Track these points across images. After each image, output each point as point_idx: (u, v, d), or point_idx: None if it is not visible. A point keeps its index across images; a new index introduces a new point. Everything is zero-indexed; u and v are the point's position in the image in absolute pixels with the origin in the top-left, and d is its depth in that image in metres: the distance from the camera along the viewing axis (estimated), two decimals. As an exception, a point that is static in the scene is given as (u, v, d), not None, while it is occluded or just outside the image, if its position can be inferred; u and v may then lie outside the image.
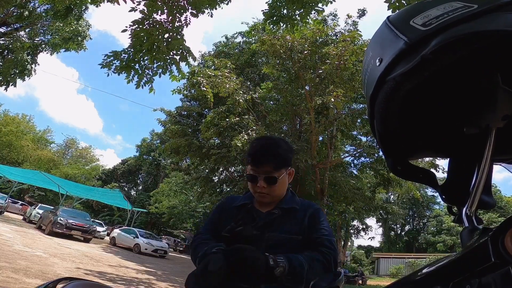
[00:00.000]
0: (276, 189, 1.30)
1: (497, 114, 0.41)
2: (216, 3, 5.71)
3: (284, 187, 1.34)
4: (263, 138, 1.43)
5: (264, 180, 1.27)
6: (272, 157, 1.28)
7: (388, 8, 4.43)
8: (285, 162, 1.31)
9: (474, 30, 0.38)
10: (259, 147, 1.31)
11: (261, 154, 1.29)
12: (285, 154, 1.32)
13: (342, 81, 11.44)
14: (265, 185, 1.27)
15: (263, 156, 1.28)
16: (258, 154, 1.29)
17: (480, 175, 0.44)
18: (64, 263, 8.52)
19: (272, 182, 1.28)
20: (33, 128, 44.68)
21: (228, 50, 19.11)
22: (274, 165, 1.27)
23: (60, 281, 0.78)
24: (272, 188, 1.29)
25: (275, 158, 1.28)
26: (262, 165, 1.27)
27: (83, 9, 13.35)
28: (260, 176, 1.28)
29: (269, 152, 1.28)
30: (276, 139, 1.38)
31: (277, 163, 1.28)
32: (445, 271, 0.37)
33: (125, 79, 5.27)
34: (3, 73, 12.67)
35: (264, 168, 1.27)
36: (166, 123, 18.55)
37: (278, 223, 1.29)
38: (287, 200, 1.36)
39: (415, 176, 0.54)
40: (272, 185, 1.28)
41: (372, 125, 0.51)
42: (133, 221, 28.59)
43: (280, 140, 1.39)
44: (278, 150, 1.29)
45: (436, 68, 0.40)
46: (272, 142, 1.34)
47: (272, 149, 1.29)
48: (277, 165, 1.28)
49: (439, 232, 38.61)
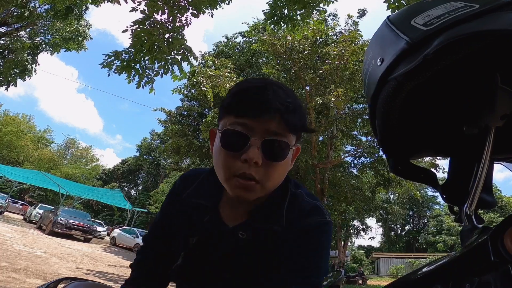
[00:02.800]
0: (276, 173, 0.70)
1: (496, 113, 0.41)
2: (217, 3, 5.71)
3: (283, 174, 0.73)
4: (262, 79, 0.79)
5: (262, 147, 0.67)
6: (287, 104, 0.68)
7: (387, 8, 4.43)
8: (304, 121, 0.73)
9: (476, 30, 0.38)
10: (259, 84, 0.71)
11: (265, 94, 0.67)
12: (302, 106, 0.74)
13: (342, 81, 11.44)
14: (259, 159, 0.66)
15: (268, 99, 0.67)
16: (259, 94, 0.68)
17: (480, 174, 0.44)
18: (65, 263, 8.52)
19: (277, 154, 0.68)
20: (33, 128, 44.66)
21: (228, 50, 19.12)
22: (288, 121, 0.68)
23: (61, 281, 0.77)
24: (270, 169, 0.68)
25: (295, 109, 0.69)
26: (264, 116, 0.66)
27: (84, 9, 13.35)
28: (255, 139, 0.66)
29: (280, 96, 0.68)
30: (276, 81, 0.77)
31: (295, 119, 0.69)
32: (445, 270, 0.37)
33: (126, 79, 5.27)
34: (3, 73, 12.67)
35: (266, 124, 0.67)
36: (166, 123, 18.55)
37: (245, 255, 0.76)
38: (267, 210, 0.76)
39: (415, 176, 0.54)
40: (274, 161, 0.68)
41: (373, 125, 0.51)
42: (133, 221, 28.59)
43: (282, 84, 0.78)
44: (296, 100, 0.72)
45: (438, 68, 0.40)
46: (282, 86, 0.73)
47: (285, 94, 0.70)
48: (293, 121, 0.69)
49: (439, 232, 38.56)
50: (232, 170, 0.68)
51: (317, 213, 0.76)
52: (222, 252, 0.77)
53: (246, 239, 0.75)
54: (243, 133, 0.67)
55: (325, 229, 0.75)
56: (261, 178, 0.68)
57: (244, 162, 0.67)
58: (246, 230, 0.75)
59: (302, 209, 0.76)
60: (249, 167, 0.66)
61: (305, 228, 0.73)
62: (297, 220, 0.75)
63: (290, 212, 0.76)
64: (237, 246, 0.76)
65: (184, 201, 0.84)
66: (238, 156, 0.67)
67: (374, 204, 16.53)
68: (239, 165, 0.67)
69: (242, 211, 0.77)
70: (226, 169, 0.69)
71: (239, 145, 0.67)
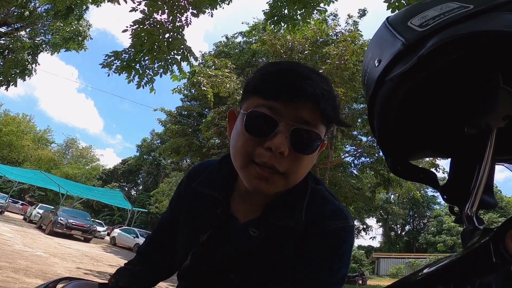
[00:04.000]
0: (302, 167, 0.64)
1: (498, 114, 0.41)
2: (217, 3, 5.72)
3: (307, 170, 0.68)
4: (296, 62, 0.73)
5: (291, 136, 0.60)
6: (323, 92, 0.61)
7: (388, 8, 4.43)
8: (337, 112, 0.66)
9: (470, 30, 0.38)
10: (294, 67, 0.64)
11: (301, 77, 0.60)
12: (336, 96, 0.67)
13: (342, 81, 11.45)
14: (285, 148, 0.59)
15: (304, 83, 0.60)
16: (294, 77, 0.60)
17: (481, 175, 0.44)
18: (64, 263, 8.53)
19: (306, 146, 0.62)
20: (33, 128, 44.72)
21: (229, 50, 19.14)
22: (324, 110, 0.61)
23: (60, 281, 0.77)
24: (296, 162, 0.62)
25: (331, 98, 0.63)
26: (297, 101, 0.59)
27: (84, 9, 13.36)
28: (284, 125, 0.59)
29: (317, 82, 0.61)
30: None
31: (330, 108, 0.62)
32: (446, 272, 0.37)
33: (126, 79, 5.27)
34: (3, 73, 12.68)
35: (299, 110, 0.60)
36: (166, 123, 18.57)
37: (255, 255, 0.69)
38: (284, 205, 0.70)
39: (415, 176, 0.54)
40: (302, 153, 0.62)
41: (372, 125, 0.51)
42: (133, 221, 28.61)
43: None
44: (333, 90, 0.65)
45: (433, 69, 0.40)
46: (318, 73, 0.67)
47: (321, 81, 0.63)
48: (328, 111, 0.62)
49: (440, 232, 38.59)
50: (252, 156, 0.61)
51: (340, 216, 0.69)
52: (231, 250, 0.70)
53: (258, 237, 0.68)
54: (272, 118, 0.59)
55: (347, 234, 0.68)
56: (284, 170, 0.61)
57: (267, 150, 0.59)
58: (259, 227, 0.69)
59: (323, 209, 0.70)
60: (273, 157, 0.59)
61: (326, 232, 0.67)
62: (317, 221, 0.68)
63: (309, 209, 0.69)
64: (247, 245, 0.69)
65: (193, 191, 0.78)
66: (262, 143, 0.59)
67: (374, 204, 16.55)
68: (261, 152, 0.59)
69: (255, 206, 0.70)
70: (246, 155, 0.61)
71: (265, 130, 0.59)
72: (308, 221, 0.68)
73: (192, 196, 0.79)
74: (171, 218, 0.86)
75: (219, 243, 0.72)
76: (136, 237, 19.49)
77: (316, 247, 0.67)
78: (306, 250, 0.67)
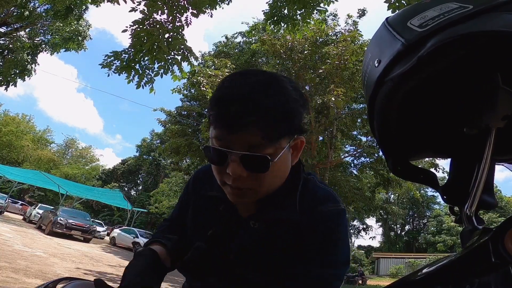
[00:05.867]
0: (265, 180, 0.67)
1: (497, 114, 0.41)
2: (217, 3, 5.72)
3: (282, 174, 0.70)
4: (244, 73, 0.69)
5: (240, 162, 0.64)
6: (265, 113, 0.62)
7: (388, 8, 4.43)
8: (289, 122, 0.65)
9: (469, 31, 0.38)
10: (234, 89, 0.64)
11: (241, 103, 0.62)
12: (289, 106, 0.65)
13: (342, 81, 11.46)
14: (242, 172, 0.64)
15: (243, 111, 0.61)
16: (234, 104, 0.62)
17: (480, 175, 0.44)
18: (64, 263, 8.52)
19: (258, 167, 0.64)
20: (33, 128, 44.70)
21: (228, 50, 19.11)
22: (265, 131, 0.62)
23: (60, 281, 0.77)
24: (258, 179, 0.66)
25: (268, 114, 0.62)
26: (237, 130, 0.62)
27: (83, 9, 13.36)
28: (234, 154, 0.64)
29: (259, 102, 0.62)
30: (271, 75, 0.69)
31: (271, 126, 0.63)
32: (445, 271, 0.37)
33: (126, 79, 5.27)
34: (3, 73, 12.67)
35: (242, 138, 0.63)
36: (166, 123, 18.56)
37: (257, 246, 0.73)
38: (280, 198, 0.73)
39: (415, 176, 0.54)
40: (259, 172, 0.65)
41: (372, 125, 0.51)
42: (133, 221, 28.59)
43: (279, 78, 0.69)
44: (276, 98, 0.64)
45: (433, 69, 0.40)
46: (263, 80, 0.66)
47: (266, 95, 0.63)
48: (271, 130, 0.63)
49: (439, 232, 38.60)
50: (221, 180, 0.69)
51: (331, 200, 0.74)
52: (235, 244, 0.75)
53: (258, 229, 0.74)
54: (221, 150, 0.64)
55: (340, 217, 0.73)
56: (250, 187, 0.68)
57: (230, 175, 0.66)
58: (258, 220, 0.74)
59: (314, 196, 0.74)
60: (235, 179, 0.66)
61: (319, 217, 0.71)
62: (310, 207, 0.72)
63: (303, 198, 0.74)
64: (250, 237, 0.74)
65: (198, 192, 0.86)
66: (224, 169, 0.66)
67: (374, 204, 16.56)
68: (227, 176, 0.67)
69: (254, 202, 0.74)
70: (218, 179, 0.70)
71: (221, 160, 0.66)
72: (302, 209, 0.73)
73: (197, 196, 0.86)
74: (180, 214, 0.92)
75: (223, 237, 0.77)
76: (136, 237, 19.47)
77: (311, 233, 0.71)
78: (302, 237, 0.71)
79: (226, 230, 0.77)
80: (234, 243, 0.76)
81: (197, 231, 0.81)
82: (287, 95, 0.66)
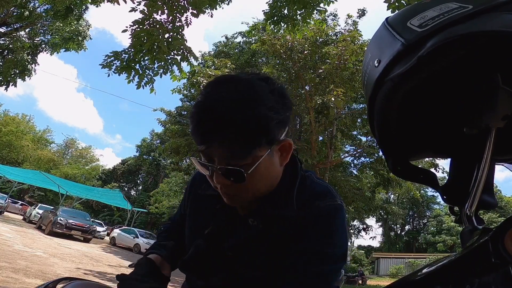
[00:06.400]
0: (249, 187, 0.69)
1: (497, 114, 0.41)
2: (217, 3, 5.72)
3: (269, 178, 0.72)
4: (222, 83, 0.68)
5: (222, 173, 0.67)
6: (223, 129, 0.62)
7: (388, 8, 4.43)
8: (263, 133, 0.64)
9: (469, 31, 0.38)
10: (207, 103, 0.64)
11: (208, 121, 0.63)
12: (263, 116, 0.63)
13: (342, 81, 11.46)
14: (224, 181, 0.67)
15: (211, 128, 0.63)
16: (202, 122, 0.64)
17: (480, 175, 0.44)
18: (64, 263, 8.52)
19: (235, 179, 0.66)
20: (33, 128, 44.71)
21: (228, 50, 19.12)
22: (236, 146, 0.63)
23: (60, 281, 0.77)
24: (242, 187, 0.68)
25: (238, 129, 0.62)
26: (209, 146, 0.65)
27: (83, 9, 13.36)
28: (214, 166, 0.66)
29: (224, 118, 0.62)
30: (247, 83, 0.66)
31: (243, 140, 0.63)
32: (445, 271, 0.37)
33: (126, 79, 5.27)
34: (3, 73, 12.67)
35: (215, 152, 0.65)
36: (166, 123, 18.54)
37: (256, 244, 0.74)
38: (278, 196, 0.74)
39: (415, 176, 0.54)
40: (238, 182, 0.67)
41: (372, 125, 0.51)
42: (133, 221, 28.59)
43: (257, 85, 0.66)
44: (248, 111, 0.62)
45: (433, 69, 0.40)
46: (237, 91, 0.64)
47: (231, 111, 0.62)
48: (243, 144, 0.63)
49: (439, 232, 38.59)
50: (214, 185, 0.72)
51: (327, 196, 0.74)
52: (234, 241, 0.76)
53: (257, 226, 0.74)
54: (205, 164, 0.69)
55: (337, 212, 0.73)
56: (237, 193, 0.71)
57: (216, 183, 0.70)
58: (257, 217, 0.75)
59: (312, 191, 0.75)
60: (222, 187, 0.70)
61: (317, 212, 0.71)
62: (308, 203, 0.73)
63: (300, 195, 0.74)
64: (248, 234, 0.75)
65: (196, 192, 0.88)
66: (212, 177, 0.70)
67: (374, 204, 16.56)
68: (215, 184, 0.71)
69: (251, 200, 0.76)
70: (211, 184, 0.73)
71: (206, 170, 0.70)
72: (299, 205, 0.73)
73: (196, 195, 0.89)
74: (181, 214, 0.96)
75: (222, 234, 0.78)
76: (136, 237, 19.47)
77: (309, 228, 0.71)
78: (300, 232, 0.71)
79: (224, 227, 0.78)
80: (232, 240, 0.77)
81: (197, 230, 0.82)
82: (262, 105, 0.64)
